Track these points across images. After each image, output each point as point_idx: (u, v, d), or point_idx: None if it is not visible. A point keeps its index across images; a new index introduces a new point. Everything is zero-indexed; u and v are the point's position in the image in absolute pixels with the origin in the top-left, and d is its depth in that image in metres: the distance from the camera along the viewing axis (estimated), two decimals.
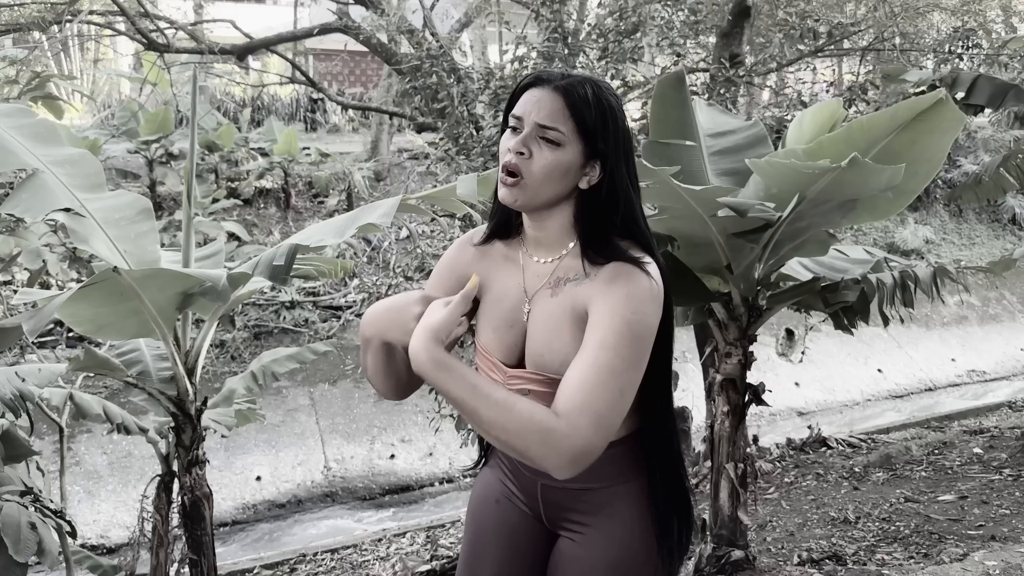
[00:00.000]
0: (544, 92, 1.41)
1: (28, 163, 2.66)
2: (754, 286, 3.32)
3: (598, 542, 1.55)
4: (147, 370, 3.56)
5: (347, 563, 5.36)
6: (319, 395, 8.47)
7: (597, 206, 1.45)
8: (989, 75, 5.48)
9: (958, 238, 13.32)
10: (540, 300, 1.50)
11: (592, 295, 1.41)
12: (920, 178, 2.93)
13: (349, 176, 11.30)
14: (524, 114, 1.42)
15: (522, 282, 1.53)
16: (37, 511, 2.90)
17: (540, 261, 1.52)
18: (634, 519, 1.54)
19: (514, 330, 1.52)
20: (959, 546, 3.62)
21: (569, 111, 1.40)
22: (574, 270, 1.46)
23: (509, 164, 1.41)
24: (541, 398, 1.44)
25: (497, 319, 1.54)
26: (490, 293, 1.57)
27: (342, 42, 9.61)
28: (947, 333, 11.30)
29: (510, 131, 1.45)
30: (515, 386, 1.50)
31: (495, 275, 1.57)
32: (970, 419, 7.44)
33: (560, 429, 1.31)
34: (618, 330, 1.36)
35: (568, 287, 1.46)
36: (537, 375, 1.48)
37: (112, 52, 15.01)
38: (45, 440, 6.62)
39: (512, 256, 1.57)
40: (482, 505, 1.71)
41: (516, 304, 1.53)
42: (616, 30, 5.62)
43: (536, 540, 1.66)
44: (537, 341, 1.49)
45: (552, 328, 1.46)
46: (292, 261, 2.13)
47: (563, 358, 1.42)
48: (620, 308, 1.37)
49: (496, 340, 1.54)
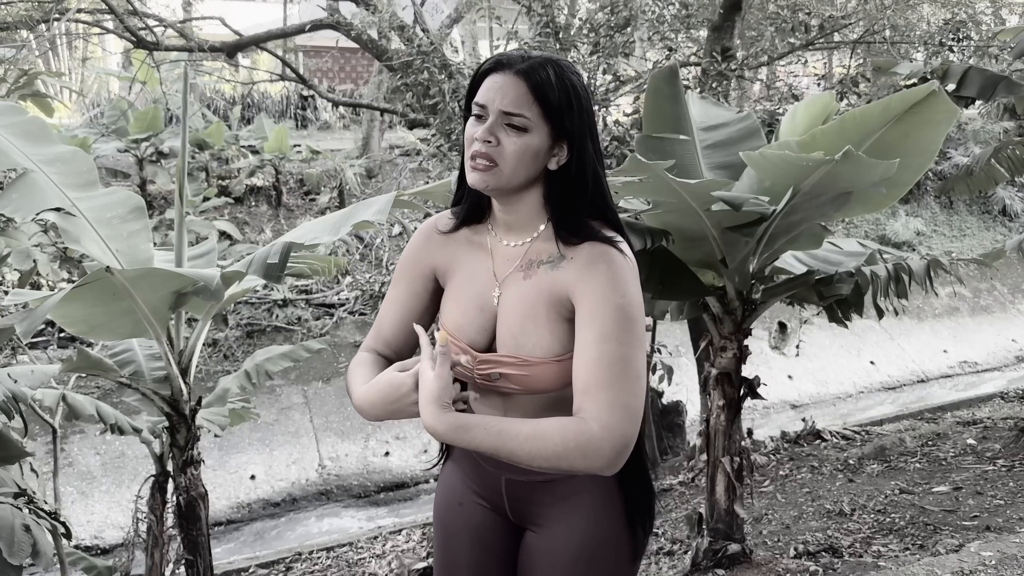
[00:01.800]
0: (506, 77, 1.41)
1: (19, 162, 2.64)
2: (748, 280, 3.32)
3: (565, 533, 1.55)
4: (140, 370, 3.54)
5: (343, 561, 5.35)
6: (313, 393, 8.45)
7: (567, 186, 1.46)
8: (979, 67, 5.50)
9: (949, 230, 13.37)
10: (511, 284, 1.50)
11: (573, 282, 1.42)
12: (913, 170, 2.94)
13: (340, 173, 11.26)
14: (488, 102, 1.41)
15: (491, 266, 1.52)
16: (31, 513, 2.88)
17: (510, 244, 1.52)
18: (600, 506, 1.54)
19: (484, 314, 1.52)
20: (954, 537, 3.64)
21: (533, 95, 1.40)
22: (547, 252, 1.47)
23: (479, 152, 1.40)
24: (514, 380, 1.47)
25: (466, 303, 1.54)
26: (457, 278, 1.56)
27: (332, 39, 9.59)
28: (939, 325, 11.35)
29: (474, 119, 1.43)
30: (486, 369, 1.50)
31: (462, 260, 1.56)
32: (963, 410, 7.48)
33: (596, 434, 1.31)
34: (613, 318, 1.37)
35: (543, 270, 1.46)
36: (510, 357, 1.47)
37: (100, 51, 14.92)
38: (38, 441, 6.58)
39: (478, 240, 1.56)
40: (447, 510, 1.69)
41: (485, 288, 1.52)
42: (607, 24, 5.62)
43: (505, 537, 1.65)
44: (510, 324, 1.48)
45: (526, 310, 1.46)
46: (286, 259, 2.12)
47: (537, 339, 1.44)
48: (609, 296, 1.38)
49: (465, 324, 1.53)
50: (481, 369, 1.50)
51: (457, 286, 1.56)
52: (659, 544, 4.25)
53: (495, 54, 1.48)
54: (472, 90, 1.46)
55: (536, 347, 1.44)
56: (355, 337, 8.99)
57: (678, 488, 5.37)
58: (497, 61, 1.43)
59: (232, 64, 11.15)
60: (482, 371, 1.50)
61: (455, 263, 1.57)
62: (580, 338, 1.39)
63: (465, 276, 1.55)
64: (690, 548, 3.67)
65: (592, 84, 5.73)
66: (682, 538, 4.20)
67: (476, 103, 1.43)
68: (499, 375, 1.48)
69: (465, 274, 1.56)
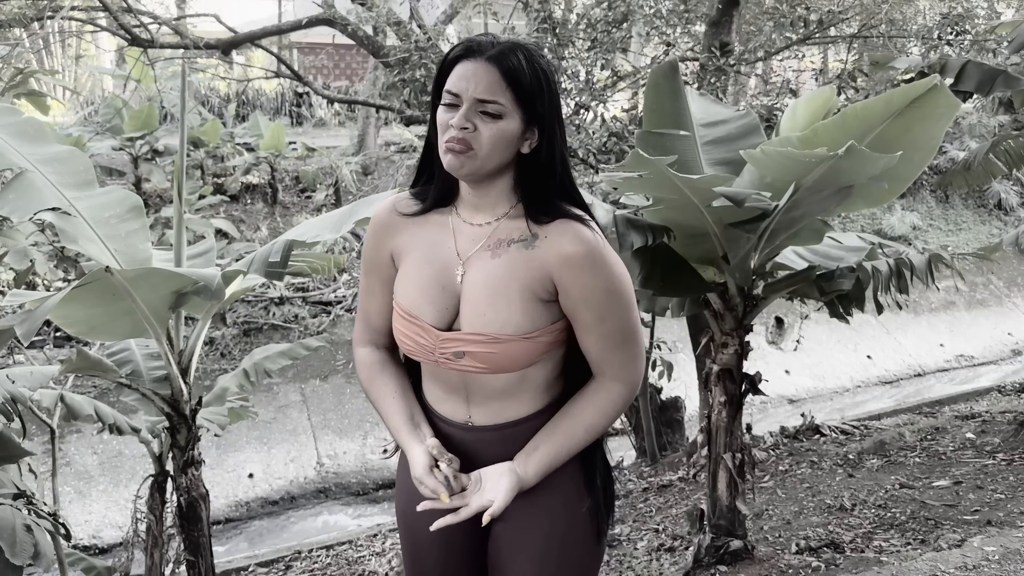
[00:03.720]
0: (478, 65, 1.42)
1: (15, 162, 2.62)
2: (750, 276, 3.31)
3: (542, 521, 1.58)
4: (138, 370, 3.52)
5: (343, 559, 5.34)
6: (310, 391, 8.43)
7: (537, 169, 1.49)
8: (977, 61, 5.49)
9: (945, 224, 13.39)
10: (477, 262, 1.50)
11: (555, 266, 1.46)
12: (915, 165, 2.93)
13: (336, 170, 11.23)
14: (461, 90, 1.41)
15: (453, 245, 1.53)
16: (31, 514, 2.87)
17: (475, 224, 1.53)
18: (573, 488, 1.59)
19: (446, 293, 1.52)
20: (956, 532, 3.64)
21: (506, 81, 1.42)
22: (517, 231, 1.50)
23: (455, 138, 1.41)
24: (479, 359, 1.48)
25: (426, 282, 1.53)
26: (413, 256, 1.56)
27: (327, 36, 9.56)
28: (935, 319, 11.37)
29: (445, 107, 1.44)
30: (449, 349, 1.50)
31: (419, 239, 1.56)
32: (961, 404, 7.49)
33: (621, 391, 1.54)
34: (604, 300, 1.47)
35: (514, 248, 1.48)
36: (478, 335, 1.48)
37: (94, 48, 14.85)
38: (35, 441, 6.56)
39: (438, 220, 1.57)
40: (413, 515, 1.64)
41: (447, 267, 1.52)
42: (605, 20, 5.60)
43: (474, 535, 1.63)
44: (477, 301, 1.49)
45: (497, 288, 1.48)
46: (287, 257, 2.11)
47: (507, 317, 1.47)
48: (595, 281, 1.46)
49: (426, 303, 1.52)
50: (444, 348, 1.50)
51: (414, 265, 1.56)
52: (660, 540, 4.24)
53: (463, 39, 1.48)
54: (441, 77, 1.46)
55: (506, 324, 1.47)
56: (352, 334, 8.96)
57: (678, 484, 5.37)
58: (467, 48, 1.44)
59: (227, 61, 11.09)
60: (445, 350, 1.50)
61: (411, 243, 1.57)
62: (579, 320, 1.50)
63: (422, 255, 1.55)
64: (691, 544, 3.67)
65: (589, 80, 5.72)
66: (683, 534, 4.20)
67: (448, 91, 1.43)
68: (463, 354, 1.49)
69: (422, 253, 1.55)
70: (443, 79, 1.45)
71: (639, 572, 3.86)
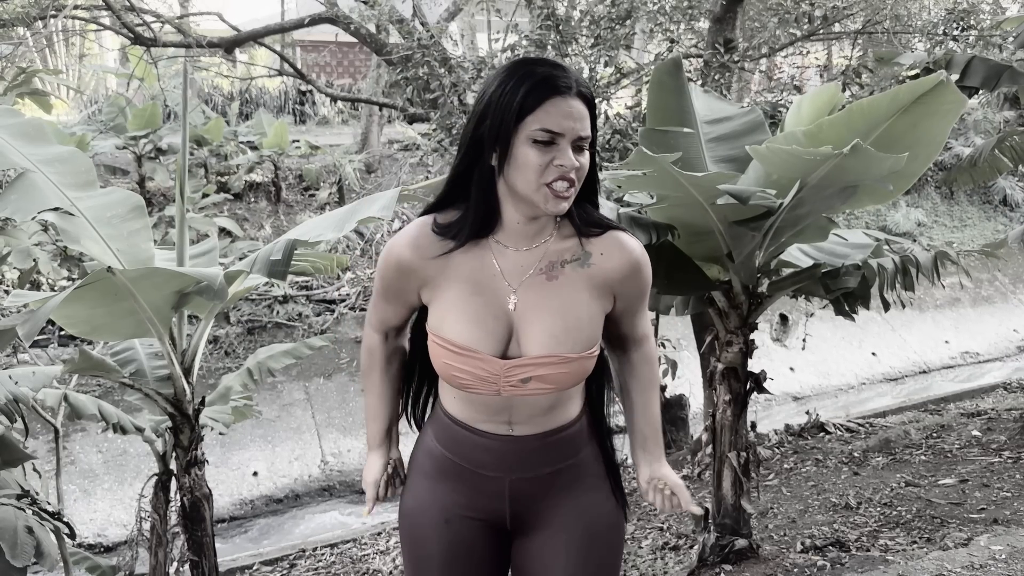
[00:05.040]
0: (574, 102, 1.40)
1: (17, 163, 2.61)
2: (754, 274, 3.30)
3: (574, 519, 1.59)
4: (142, 369, 3.52)
5: (347, 557, 5.34)
6: (314, 389, 8.43)
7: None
8: (983, 56, 5.45)
9: (950, 220, 13.34)
10: (531, 287, 1.49)
11: (615, 278, 1.53)
12: (920, 161, 2.90)
13: (340, 168, 11.22)
14: (566, 130, 1.39)
15: (499, 273, 1.50)
16: (35, 514, 2.86)
17: (521, 250, 1.50)
18: (599, 484, 1.64)
19: (499, 322, 1.49)
20: (962, 530, 3.62)
21: (591, 116, 1.43)
22: (568, 251, 1.51)
23: (570, 179, 1.41)
24: (548, 380, 1.48)
25: (479, 313, 1.49)
26: (454, 290, 1.50)
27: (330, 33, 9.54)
28: (940, 315, 11.33)
29: (540, 144, 1.39)
30: (516, 376, 1.47)
31: (457, 271, 1.50)
32: (966, 401, 7.45)
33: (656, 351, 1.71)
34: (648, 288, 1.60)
35: (569, 268, 1.50)
36: (547, 357, 1.47)
37: (97, 47, 14.86)
38: (40, 440, 6.57)
39: (474, 250, 1.51)
40: (423, 529, 1.63)
41: (498, 295, 1.49)
42: (608, 16, 5.58)
43: (494, 550, 1.63)
44: (546, 324, 1.48)
45: (565, 309, 1.49)
46: (290, 257, 2.10)
47: (577, 335, 1.49)
48: (646, 278, 1.57)
49: (484, 335, 1.48)
50: (510, 376, 1.48)
51: (458, 298, 1.50)
52: (664, 539, 4.23)
53: (534, 71, 1.41)
54: (524, 109, 1.39)
55: (576, 343, 1.48)
56: (356, 333, 8.96)
57: (683, 482, 5.35)
58: (552, 84, 1.39)
59: (230, 60, 11.09)
60: (511, 378, 1.48)
61: (445, 276, 1.51)
62: (629, 311, 1.60)
63: (465, 288, 1.50)
64: (696, 543, 3.66)
65: (593, 77, 5.69)
66: (687, 533, 4.19)
67: (549, 131, 1.38)
68: (530, 379, 1.48)
69: (465, 285, 1.50)
70: (521, 115, 1.39)
71: (643, 571, 3.85)
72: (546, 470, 1.57)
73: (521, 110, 1.39)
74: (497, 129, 1.40)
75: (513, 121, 1.39)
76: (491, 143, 1.42)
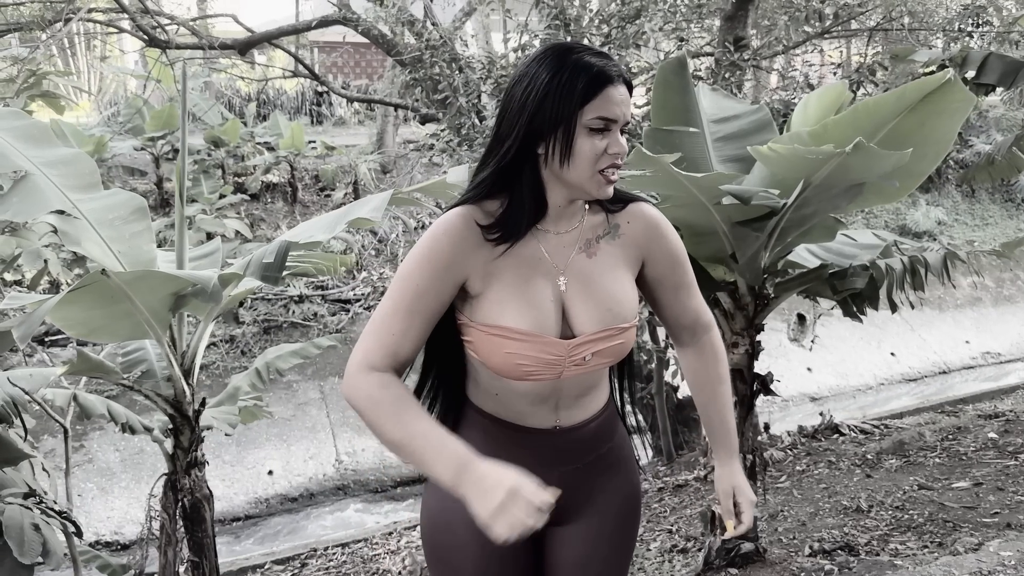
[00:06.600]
0: (623, 90, 1.44)
1: (20, 165, 2.63)
2: (760, 274, 3.26)
3: (611, 502, 1.65)
4: (151, 369, 3.54)
5: (358, 557, 5.35)
6: (329, 389, 8.46)
7: None
8: (1000, 53, 5.38)
9: (971, 219, 13.16)
10: (576, 266, 1.53)
11: (645, 245, 1.59)
12: (929, 160, 2.86)
13: (355, 169, 11.27)
14: (618, 116, 1.43)
15: (546, 257, 1.52)
16: (42, 513, 2.89)
17: (563, 232, 1.53)
18: (632, 463, 1.71)
19: (556, 304, 1.51)
20: (974, 535, 3.56)
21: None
22: (600, 227, 1.57)
23: (618, 165, 1.45)
24: (606, 354, 1.53)
25: (538, 297, 1.49)
26: (505, 278, 1.48)
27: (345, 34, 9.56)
28: (961, 315, 11.18)
29: (596, 132, 1.42)
30: (580, 354, 1.50)
31: (506, 260, 1.48)
32: (985, 402, 7.35)
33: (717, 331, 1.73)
34: (681, 255, 1.63)
35: (603, 243, 1.56)
36: (606, 331, 1.51)
37: (118, 50, 15.01)
38: (58, 438, 6.63)
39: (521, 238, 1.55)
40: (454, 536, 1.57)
41: (548, 277, 1.51)
42: (619, 15, 5.55)
43: (529, 551, 1.63)
44: (600, 299, 1.52)
45: (610, 283, 1.54)
46: (283, 259, 2.09)
47: (625, 305, 1.54)
48: (672, 242, 1.61)
49: (546, 318, 1.48)
50: (575, 355, 1.50)
51: (512, 285, 1.48)
52: (673, 542, 4.21)
53: (591, 61, 1.42)
54: (584, 98, 1.40)
55: (628, 311, 1.54)
56: None
57: (693, 484, 5.32)
58: (606, 73, 1.42)
59: (247, 61, 11.16)
60: (575, 356, 1.50)
61: (494, 266, 1.48)
62: (668, 284, 1.63)
63: (519, 274, 1.49)
64: (703, 546, 3.63)
65: None
66: (696, 535, 4.16)
67: (604, 118, 1.42)
68: (591, 355, 1.51)
69: (517, 272, 1.49)
70: (584, 102, 1.40)
71: (650, 573, 3.83)
72: (590, 457, 1.61)
73: (583, 100, 1.41)
74: (556, 120, 1.42)
75: (575, 111, 1.41)
76: (549, 134, 1.43)
